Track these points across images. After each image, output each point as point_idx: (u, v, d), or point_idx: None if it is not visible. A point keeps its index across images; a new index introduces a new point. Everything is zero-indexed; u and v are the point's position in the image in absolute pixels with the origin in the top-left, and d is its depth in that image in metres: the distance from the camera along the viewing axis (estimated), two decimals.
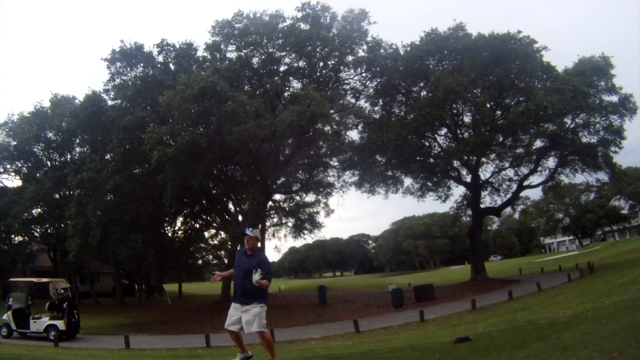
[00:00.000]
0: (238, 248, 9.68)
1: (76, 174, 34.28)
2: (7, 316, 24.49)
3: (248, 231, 8.69)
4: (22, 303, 25.16)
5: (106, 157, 36.79)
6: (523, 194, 45.14)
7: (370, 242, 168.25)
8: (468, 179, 41.56)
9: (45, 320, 23.98)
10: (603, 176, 40.86)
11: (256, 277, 8.13)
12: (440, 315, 22.99)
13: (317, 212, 50.39)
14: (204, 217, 49.15)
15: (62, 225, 42.36)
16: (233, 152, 32.94)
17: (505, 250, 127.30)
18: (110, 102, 37.88)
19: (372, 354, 9.70)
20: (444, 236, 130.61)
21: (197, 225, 52.16)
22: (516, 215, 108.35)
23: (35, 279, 29.75)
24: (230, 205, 45.48)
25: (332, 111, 34.68)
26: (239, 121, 29.95)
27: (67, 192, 44.02)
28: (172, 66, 38.46)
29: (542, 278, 32.98)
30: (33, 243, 53.69)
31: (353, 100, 41.46)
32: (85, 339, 24.95)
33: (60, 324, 23.58)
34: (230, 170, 42.47)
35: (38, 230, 52.15)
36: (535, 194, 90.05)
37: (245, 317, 8.36)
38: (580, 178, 42.28)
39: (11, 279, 32.33)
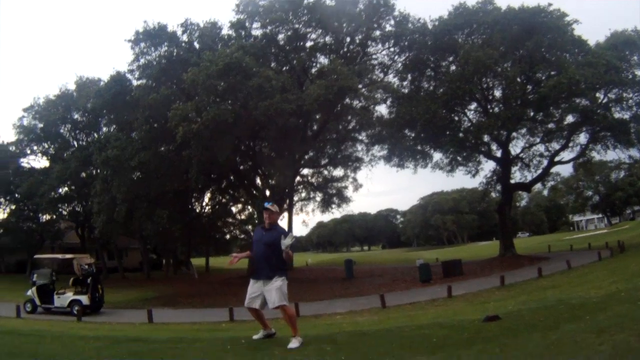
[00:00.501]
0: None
1: (101, 152, 34.26)
2: (31, 292, 24.80)
3: (268, 205, 8.58)
4: (47, 279, 25.43)
5: (132, 135, 36.65)
6: (554, 170, 44.24)
7: (398, 217, 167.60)
8: (498, 154, 40.88)
9: (69, 296, 24.22)
10: (635, 153, 40.24)
11: (287, 241, 8.04)
12: (469, 292, 22.61)
13: (346, 187, 50.53)
14: (232, 192, 49.28)
15: (89, 203, 42.54)
16: (260, 127, 32.77)
17: (534, 227, 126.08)
18: (135, 82, 37.82)
19: (399, 330, 9.44)
20: (472, 212, 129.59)
21: (225, 201, 52.45)
22: (545, 192, 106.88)
23: (59, 255, 30.03)
24: (258, 181, 45.43)
25: (360, 85, 34.12)
26: (265, 96, 29.61)
27: (93, 171, 44.33)
28: (196, 45, 38.03)
29: (571, 256, 32.25)
30: (61, 221, 54.45)
31: (381, 75, 40.83)
32: (109, 313, 25.12)
33: (84, 299, 23.79)
34: (257, 146, 42.11)
35: (66, 208, 52.79)
36: (565, 171, 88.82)
37: (268, 292, 8.20)
38: (611, 155, 41.80)
39: (36, 256, 32.64)
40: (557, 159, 40.70)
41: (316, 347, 7.72)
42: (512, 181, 41.72)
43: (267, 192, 41.12)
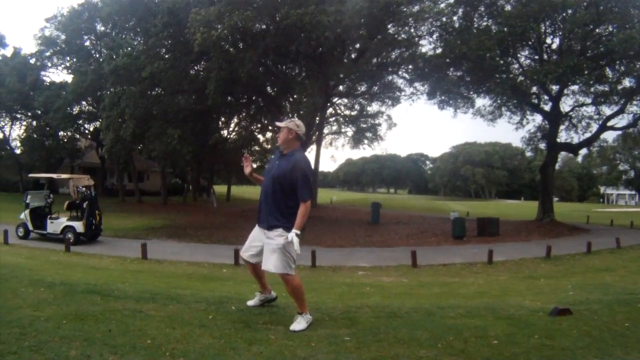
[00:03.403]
0: None
1: (111, 60, 31.89)
2: (24, 215, 22.60)
3: (285, 121, 5.94)
4: (41, 201, 23.21)
5: (148, 43, 34.00)
6: (602, 135, 41.04)
7: (427, 162, 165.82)
8: (546, 108, 37.70)
9: (63, 221, 22.14)
10: None
11: (295, 244, 5.52)
12: (510, 259, 20.24)
13: (379, 124, 48.16)
14: (261, 119, 46.82)
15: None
16: (290, 40, 29.49)
17: (564, 193, 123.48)
18: None
19: (441, 315, 6.81)
20: (503, 167, 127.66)
21: (253, 128, 50.07)
22: (579, 159, 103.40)
23: (54, 175, 27.85)
24: (289, 109, 42.96)
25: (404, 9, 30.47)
26: (299, 3, 26.41)
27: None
28: None
29: (615, 232, 29.54)
30: (82, 139, 53.46)
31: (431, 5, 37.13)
32: (106, 242, 23.14)
33: (78, 226, 21.66)
34: (286, 66, 38.79)
35: (87, 125, 51.81)
36: (610, 138, 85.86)
37: (266, 248, 5.67)
38: None
39: (30, 175, 30.34)
40: (609, 124, 37.50)
41: (328, 333, 5.32)
42: (558, 140, 38.52)
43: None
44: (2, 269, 9.96)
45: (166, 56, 33.04)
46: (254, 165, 58.04)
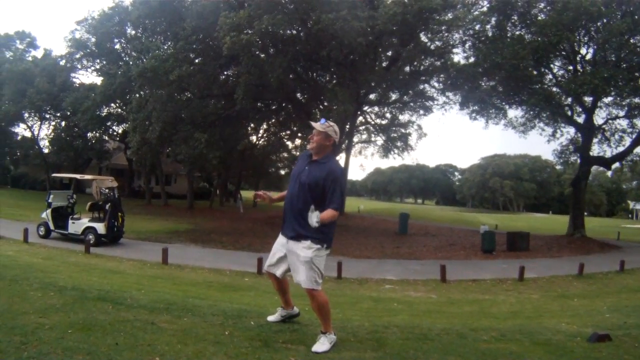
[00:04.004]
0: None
1: (139, 62, 31.89)
2: (45, 214, 22.44)
3: (321, 122, 5.42)
4: (64, 201, 23.09)
5: (176, 46, 33.99)
6: (637, 149, 39.43)
7: (456, 173, 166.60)
8: (579, 120, 36.81)
9: (84, 222, 21.95)
10: None
11: (312, 220, 4.88)
12: (541, 276, 19.57)
13: (409, 134, 47.78)
14: (290, 126, 46.59)
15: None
16: (321, 46, 29.04)
17: (592, 208, 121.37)
18: None
19: (474, 338, 6.36)
20: (532, 180, 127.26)
21: (282, 134, 50.41)
22: (609, 173, 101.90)
23: (78, 175, 27.72)
24: (319, 116, 42.65)
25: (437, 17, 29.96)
26: (330, 8, 25.82)
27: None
28: None
29: None
30: (111, 141, 54.00)
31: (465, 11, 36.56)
32: (128, 244, 22.92)
33: (100, 227, 21.44)
34: (319, 75, 38.62)
35: (116, 128, 52.42)
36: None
37: (293, 259, 5.22)
38: None
39: (54, 174, 30.33)
40: None
41: (354, 357, 4.89)
42: (591, 154, 37.50)
43: None
44: (15, 269, 9.74)
45: (196, 60, 32.98)
46: (283, 172, 58.08)
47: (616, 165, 43.23)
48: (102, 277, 12.13)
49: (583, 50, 34.38)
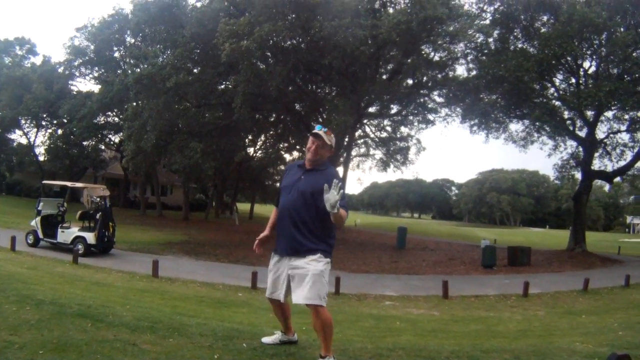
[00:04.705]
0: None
1: (135, 70, 31.54)
2: (35, 222, 21.92)
3: (319, 129, 5.00)
4: (54, 209, 22.55)
5: (174, 54, 33.62)
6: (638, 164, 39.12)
7: (453, 188, 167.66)
8: (581, 134, 36.46)
9: (74, 231, 21.37)
10: None
11: (333, 195, 4.38)
12: (545, 291, 19.10)
13: (408, 147, 46.98)
14: (289, 138, 46.20)
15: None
16: (322, 55, 28.55)
17: (590, 223, 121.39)
18: None
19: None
20: (530, 195, 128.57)
21: (280, 146, 50.10)
22: (606, 188, 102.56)
23: (69, 183, 27.26)
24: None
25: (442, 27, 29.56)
26: (332, 16, 25.35)
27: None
28: None
29: None
30: (107, 150, 53.75)
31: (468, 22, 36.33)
32: (119, 255, 22.46)
33: (90, 237, 20.88)
34: (319, 86, 38.22)
35: (111, 136, 52.26)
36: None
37: (296, 276, 4.73)
38: None
39: (44, 181, 29.75)
40: None
41: None
42: (592, 168, 37.25)
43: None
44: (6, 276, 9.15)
45: (194, 70, 32.72)
46: (279, 185, 58.89)
47: (617, 179, 42.99)
48: (86, 290, 11.53)
49: (586, 64, 34.22)
